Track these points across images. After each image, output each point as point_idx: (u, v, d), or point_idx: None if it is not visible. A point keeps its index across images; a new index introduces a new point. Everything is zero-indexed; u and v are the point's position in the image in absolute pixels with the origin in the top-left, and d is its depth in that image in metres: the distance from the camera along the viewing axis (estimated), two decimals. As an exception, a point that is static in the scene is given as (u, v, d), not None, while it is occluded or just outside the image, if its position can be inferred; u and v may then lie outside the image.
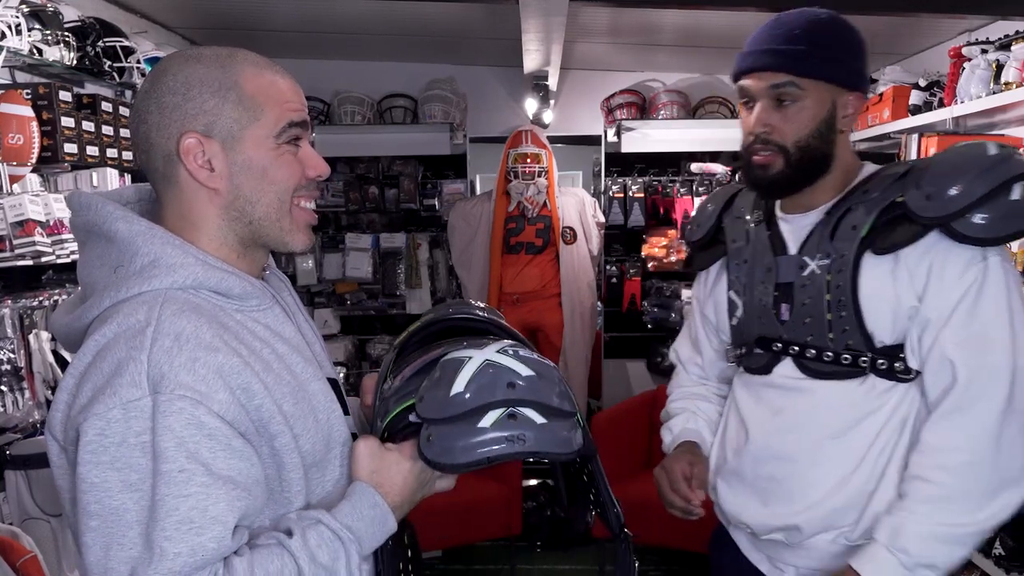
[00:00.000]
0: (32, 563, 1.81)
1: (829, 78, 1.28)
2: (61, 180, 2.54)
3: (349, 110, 4.44)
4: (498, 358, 0.95)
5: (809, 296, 1.32)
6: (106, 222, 0.97)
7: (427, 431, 0.95)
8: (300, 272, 4.54)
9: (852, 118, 1.33)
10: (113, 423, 0.85)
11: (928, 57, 3.61)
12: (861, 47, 1.33)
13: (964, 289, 1.23)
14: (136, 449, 0.85)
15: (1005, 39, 2.62)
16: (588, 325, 4.14)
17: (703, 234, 1.54)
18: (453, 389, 0.93)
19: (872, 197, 1.28)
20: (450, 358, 0.97)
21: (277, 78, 1.02)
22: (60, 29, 2.43)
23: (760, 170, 1.32)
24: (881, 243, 1.26)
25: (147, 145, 0.99)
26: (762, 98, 1.30)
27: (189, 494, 0.84)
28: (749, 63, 1.32)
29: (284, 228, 1.03)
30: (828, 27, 1.29)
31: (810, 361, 1.33)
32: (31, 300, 2.18)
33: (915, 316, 1.26)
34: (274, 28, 3.96)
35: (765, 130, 1.30)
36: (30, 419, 2.16)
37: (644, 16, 3.55)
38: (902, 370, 1.29)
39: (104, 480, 0.85)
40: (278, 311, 1.06)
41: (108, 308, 0.94)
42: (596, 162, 4.87)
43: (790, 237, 1.37)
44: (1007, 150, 1.26)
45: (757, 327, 1.40)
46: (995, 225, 1.21)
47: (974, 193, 1.20)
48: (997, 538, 2.57)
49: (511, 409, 0.92)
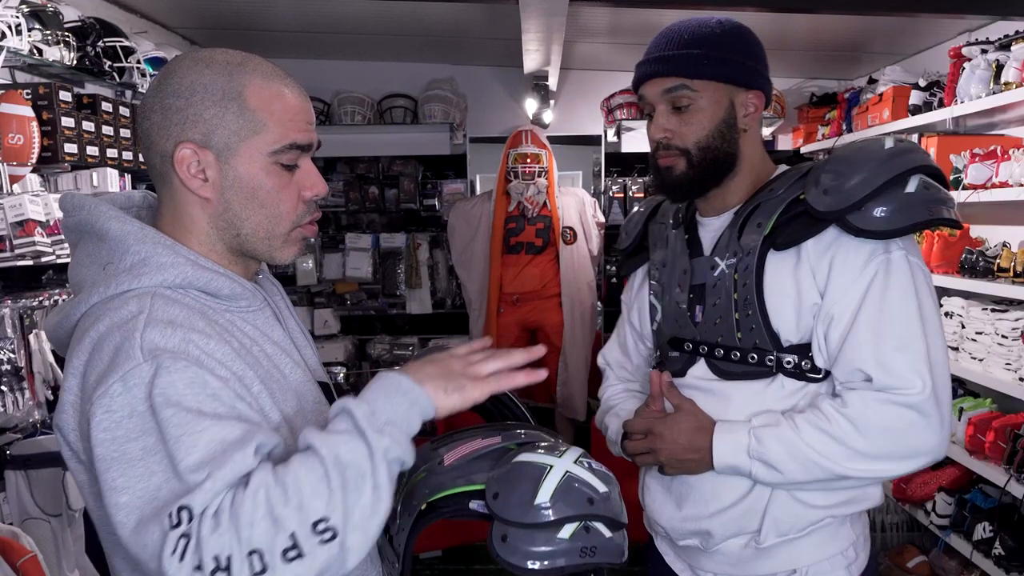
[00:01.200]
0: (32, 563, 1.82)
1: (722, 78, 1.29)
2: (61, 180, 2.54)
3: (349, 110, 4.45)
4: (576, 470, 1.00)
5: (719, 296, 1.32)
6: (98, 221, 0.97)
7: (502, 530, 0.98)
8: (300, 272, 4.55)
9: (754, 117, 1.33)
10: (117, 397, 0.84)
11: (928, 57, 3.61)
12: (755, 47, 1.33)
13: (866, 284, 1.22)
14: (145, 415, 0.84)
15: (1005, 39, 2.62)
16: (588, 325, 4.14)
17: (630, 242, 1.57)
18: (538, 499, 0.97)
19: (777, 195, 1.29)
20: (528, 462, 1.01)
21: (287, 92, 0.99)
22: (60, 29, 2.43)
23: (666, 172, 1.33)
24: (782, 239, 1.26)
25: (148, 142, 0.99)
26: (659, 104, 1.31)
27: (203, 428, 0.83)
28: (643, 71, 1.33)
29: (273, 245, 1.02)
30: (717, 30, 1.30)
31: (720, 361, 1.33)
32: (31, 300, 2.18)
33: (818, 313, 1.25)
34: (274, 28, 3.96)
35: (666, 135, 1.31)
36: (30, 419, 2.16)
37: (644, 16, 3.55)
38: (810, 369, 1.28)
39: (123, 453, 0.83)
40: (268, 314, 1.05)
41: (96, 304, 0.93)
42: (596, 162, 4.87)
43: (705, 239, 1.38)
44: (905, 144, 1.26)
45: (673, 329, 1.41)
46: (892, 218, 1.20)
47: (870, 185, 1.20)
48: (997, 538, 2.58)
49: (586, 523, 0.98)
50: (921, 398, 1.19)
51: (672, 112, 1.31)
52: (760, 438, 1.25)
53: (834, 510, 1.30)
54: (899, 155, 1.23)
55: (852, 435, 1.21)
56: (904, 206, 1.21)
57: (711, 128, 1.30)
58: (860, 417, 1.21)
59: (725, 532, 1.33)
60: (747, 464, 1.26)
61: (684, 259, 1.40)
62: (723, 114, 1.30)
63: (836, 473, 1.23)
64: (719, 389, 1.34)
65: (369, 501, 0.84)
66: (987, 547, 2.60)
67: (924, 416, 1.20)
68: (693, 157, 1.31)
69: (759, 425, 1.27)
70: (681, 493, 1.38)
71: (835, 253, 1.24)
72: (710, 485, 1.33)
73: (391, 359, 4.60)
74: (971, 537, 2.68)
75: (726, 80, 1.29)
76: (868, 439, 1.21)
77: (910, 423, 1.20)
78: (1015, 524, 2.57)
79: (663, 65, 1.30)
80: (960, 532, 2.77)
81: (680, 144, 1.31)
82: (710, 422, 1.31)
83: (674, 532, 1.41)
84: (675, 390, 1.38)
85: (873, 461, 1.22)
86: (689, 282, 1.38)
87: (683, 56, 1.29)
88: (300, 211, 1.02)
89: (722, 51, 1.29)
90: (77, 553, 2.24)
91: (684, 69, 1.28)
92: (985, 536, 2.62)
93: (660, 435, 1.33)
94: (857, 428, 1.21)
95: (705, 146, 1.30)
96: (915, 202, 1.21)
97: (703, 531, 1.35)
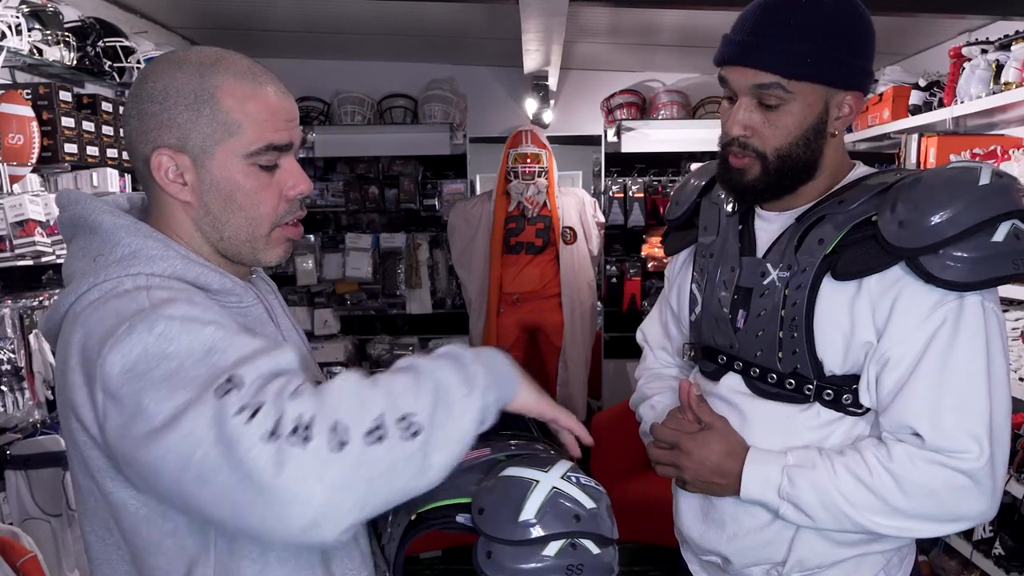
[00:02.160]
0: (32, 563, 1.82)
1: (823, 79, 1.12)
2: (61, 180, 2.54)
3: (349, 110, 4.44)
4: (563, 486, 0.98)
5: (765, 307, 1.19)
6: (92, 215, 0.96)
7: (487, 547, 0.96)
8: (300, 272, 4.55)
9: (847, 120, 1.17)
10: (125, 339, 0.81)
11: (928, 57, 3.61)
12: (866, 37, 1.15)
13: (932, 331, 1.08)
14: (163, 340, 0.80)
15: (1005, 39, 2.62)
16: (588, 325, 4.14)
17: (680, 213, 1.40)
18: (523, 515, 0.95)
19: (847, 210, 1.13)
20: (515, 477, 1.00)
21: (263, 90, 0.96)
22: (60, 29, 2.43)
23: (736, 173, 1.19)
24: (844, 267, 1.12)
25: (130, 147, 0.99)
26: (744, 95, 1.15)
27: (233, 336, 0.82)
28: (733, 53, 1.15)
29: (257, 247, 1.01)
30: (828, 15, 1.11)
31: (755, 379, 1.22)
32: (31, 300, 2.18)
33: (871, 353, 1.12)
34: (274, 28, 3.96)
35: (745, 133, 1.15)
36: (30, 419, 2.16)
37: (644, 16, 3.55)
38: (851, 403, 1.16)
39: (149, 380, 0.79)
40: (260, 311, 1.04)
41: (86, 293, 0.91)
42: (596, 162, 4.87)
43: (761, 237, 1.24)
44: (1004, 180, 1.08)
45: (711, 330, 1.29)
46: (972, 268, 1.05)
47: (955, 226, 1.04)
48: (997, 538, 2.57)
49: (573, 540, 0.96)
50: (976, 465, 1.07)
51: (757, 108, 1.14)
52: (793, 479, 1.14)
53: (865, 547, 1.20)
54: (994, 194, 1.06)
55: (893, 491, 1.10)
56: (988, 256, 1.05)
57: (797, 135, 1.14)
58: (905, 474, 1.09)
59: (743, 560, 1.25)
60: (776, 503, 1.16)
61: (734, 255, 1.25)
62: (813, 119, 1.14)
63: (867, 529, 1.13)
64: (750, 407, 1.23)
65: (456, 425, 0.84)
66: (987, 547, 2.60)
67: (977, 483, 1.07)
68: (770, 164, 1.15)
69: (794, 464, 1.15)
70: (703, 507, 1.31)
71: (900, 291, 1.09)
72: (731, 507, 1.24)
73: (391, 359, 4.60)
74: (971, 537, 2.68)
75: (827, 82, 1.12)
76: (910, 498, 1.09)
77: (960, 488, 1.08)
78: (1015, 524, 2.57)
79: (758, 56, 1.12)
80: (960, 532, 2.77)
81: (758, 146, 1.15)
82: (742, 448, 1.20)
83: (695, 547, 1.35)
84: (706, 406, 1.26)
85: (909, 520, 1.11)
86: (736, 282, 1.24)
87: (784, 50, 1.10)
88: (282, 210, 1.00)
89: (829, 45, 1.10)
90: (77, 553, 2.24)
91: (783, 67, 1.10)
92: (985, 536, 2.62)
93: (688, 452, 1.22)
94: (900, 485, 1.09)
95: (786, 154, 1.15)
96: (1002, 253, 1.05)
97: (721, 554, 1.28)
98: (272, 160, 0.98)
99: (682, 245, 1.41)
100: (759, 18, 1.13)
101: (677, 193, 1.44)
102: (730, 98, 1.18)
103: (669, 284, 1.47)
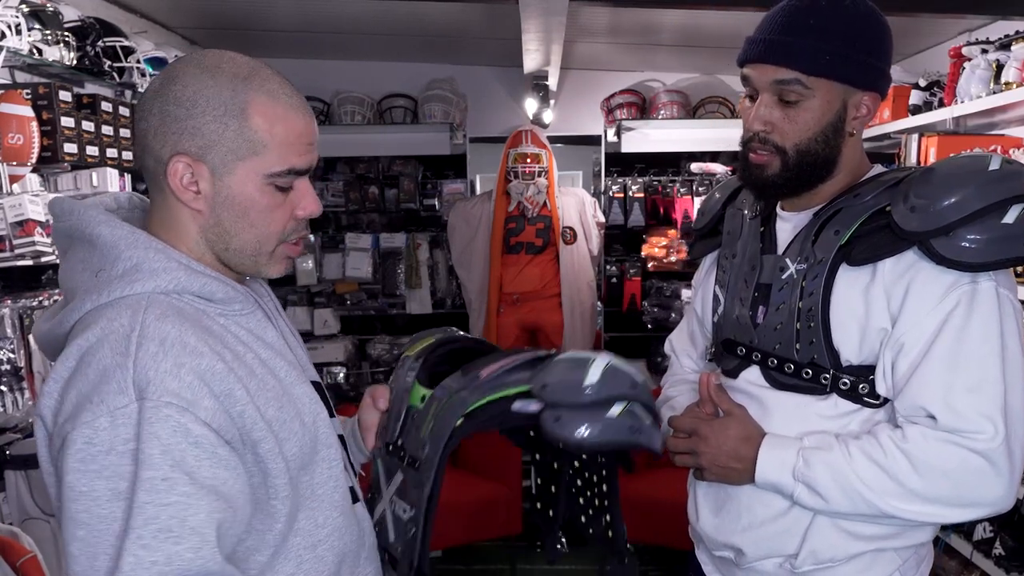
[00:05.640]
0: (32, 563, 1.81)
1: (841, 77, 1.16)
2: (61, 180, 2.54)
3: (349, 110, 4.45)
4: (616, 361, 1.09)
5: (783, 301, 1.23)
6: (88, 226, 0.96)
7: (554, 412, 1.05)
8: (300, 272, 4.54)
9: (864, 119, 1.21)
10: (100, 431, 0.84)
11: (928, 57, 3.61)
12: (884, 39, 1.20)
13: (945, 314, 1.10)
14: (125, 456, 0.83)
15: (1005, 39, 2.62)
16: (588, 325, 4.14)
17: (705, 222, 1.46)
18: (587, 380, 1.05)
19: (862, 202, 1.18)
20: (572, 357, 1.10)
21: (292, 114, 0.97)
22: (60, 29, 2.43)
23: (756, 169, 1.23)
24: (857, 254, 1.15)
25: (143, 144, 0.97)
26: (765, 92, 1.19)
27: (170, 503, 0.83)
28: (755, 52, 1.19)
29: (260, 262, 1.02)
30: (847, 16, 1.16)
31: (773, 371, 1.25)
32: (31, 300, 2.18)
33: (886, 340, 1.15)
34: (274, 28, 3.96)
35: (765, 129, 1.20)
36: (30, 419, 2.16)
37: (644, 16, 3.55)
38: (867, 393, 1.18)
39: (92, 489, 0.83)
40: (260, 315, 1.05)
41: (90, 312, 0.92)
42: (596, 162, 4.87)
43: (781, 236, 1.29)
44: (1014, 167, 1.12)
45: (732, 327, 1.32)
46: (984, 249, 1.07)
47: (964, 209, 1.07)
48: (997, 538, 2.57)
49: (631, 405, 1.07)
50: (991, 445, 1.08)
51: (777, 104, 1.18)
52: (808, 460, 1.16)
53: (880, 542, 1.21)
54: (1005, 179, 1.09)
55: (908, 472, 1.11)
56: (1000, 238, 1.07)
57: (816, 131, 1.18)
58: (920, 454, 1.11)
59: (757, 551, 1.26)
60: (790, 485, 1.18)
61: (755, 254, 1.30)
62: (832, 117, 1.18)
63: (882, 511, 1.13)
64: (769, 398, 1.25)
65: None
66: (987, 547, 2.60)
67: (992, 464, 1.08)
68: (789, 159, 1.19)
69: (810, 446, 1.17)
70: (719, 498, 1.32)
71: (914, 276, 1.12)
72: (746, 497, 1.26)
73: (391, 359, 4.60)
74: (971, 537, 2.68)
75: (845, 80, 1.16)
76: (925, 479, 1.10)
77: (975, 470, 1.09)
78: (1015, 524, 2.57)
79: (779, 54, 1.16)
80: (960, 532, 2.76)
81: (778, 141, 1.19)
82: (759, 433, 1.22)
83: (709, 541, 1.35)
84: (725, 395, 1.29)
85: (926, 503, 1.12)
86: (756, 279, 1.28)
87: (804, 47, 1.15)
88: (289, 228, 1.02)
89: (848, 46, 1.15)
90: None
91: (803, 63, 1.15)
92: (985, 536, 2.62)
93: (705, 438, 1.25)
94: (915, 466, 1.11)
95: (805, 150, 1.18)
96: (1013, 235, 1.07)
97: (735, 547, 1.29)
98: (290, 182, 0.99)
99: (707, 250, 1.47)
100: (781, 19, 1.18)
101: (702, 206, 1.51)
102: (751, 96, 1.23)
103: (695, 290, 1.52)
